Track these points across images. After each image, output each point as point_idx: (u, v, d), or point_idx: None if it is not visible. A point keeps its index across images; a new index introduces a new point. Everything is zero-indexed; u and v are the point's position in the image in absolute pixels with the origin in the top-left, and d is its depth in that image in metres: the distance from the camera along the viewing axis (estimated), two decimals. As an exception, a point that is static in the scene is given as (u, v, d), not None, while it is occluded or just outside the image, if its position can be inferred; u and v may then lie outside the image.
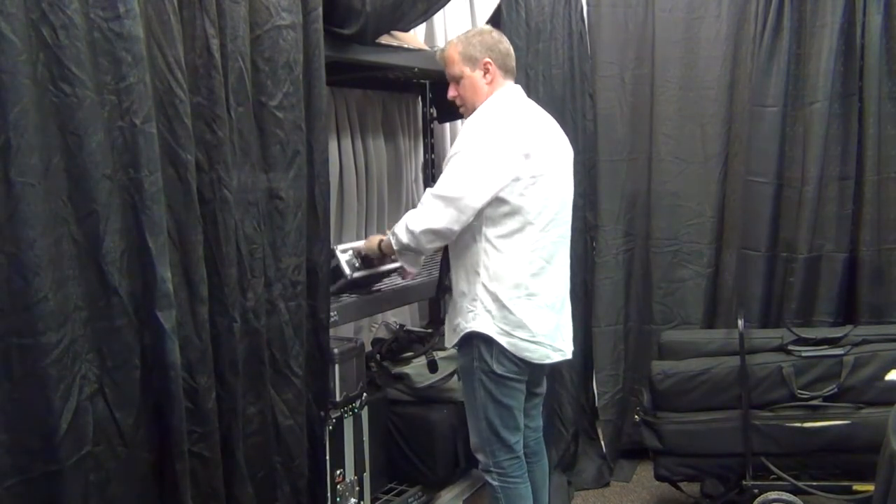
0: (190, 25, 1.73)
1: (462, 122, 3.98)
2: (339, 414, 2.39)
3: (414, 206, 3.71)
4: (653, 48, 3.36)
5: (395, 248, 2.27)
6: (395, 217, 3.62)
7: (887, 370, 2.66)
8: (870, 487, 2.53)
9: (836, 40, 3.04)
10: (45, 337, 1.44)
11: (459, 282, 2.25)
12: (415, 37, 3.07)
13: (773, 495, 2.65)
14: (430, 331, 3.22)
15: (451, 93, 2.35)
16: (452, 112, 3.08)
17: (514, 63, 2.33)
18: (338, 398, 2.35)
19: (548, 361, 2.28)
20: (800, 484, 2.65)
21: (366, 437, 2.54)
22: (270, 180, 1.96)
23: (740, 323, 2.74)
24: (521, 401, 2.30)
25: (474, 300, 2.21)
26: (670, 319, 3.41)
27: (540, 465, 2.49)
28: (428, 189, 2.20)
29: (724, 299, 3.38)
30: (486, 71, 2.27)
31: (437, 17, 3.53)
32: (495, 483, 2.31)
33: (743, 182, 3.26)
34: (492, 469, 2.30)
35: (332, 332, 2.24)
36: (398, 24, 2.59)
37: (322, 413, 2.20)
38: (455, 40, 2.33)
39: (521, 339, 2.20)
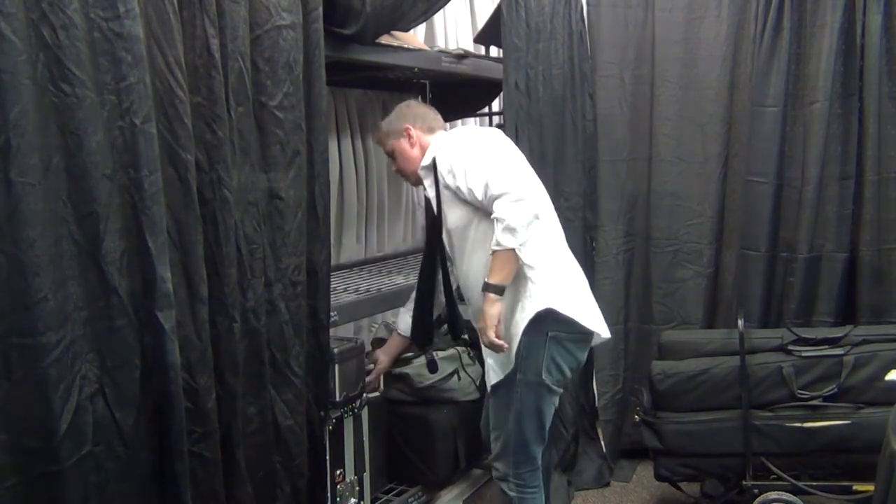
0: (190, 25, 1.73)
1: (462, 125, 4.00)
2: (339, 414, 2.40)
3: (413, 207, 3.76)
4: (653, 48, 3.36)
5: (518, 243, 2.12)
6: (396, 217, 3.63)
7: (887, 370, 2.66)
8: (870, 487, 2.53)
9: (836, 40, 3.04)
10: (45, 337, 1.45)
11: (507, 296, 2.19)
12: (415, 37, 3.08)
13: (773, 495, 2.64)
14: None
15: (394, 168, 2.53)
16: (452, 112, 3.08)
17: (434, 122, 2.46)
18: (338, 398, 2.36)
19: (605, 336, 2.34)
20: (800, 484, 2.65)
21: (366, 437, 2.54)
22: (270, 180, 1.96)
23: (740, 323, 2.74)
24: (553, 412, 2.31)
25: (525, 293, 2.20)
26: (670, 319, 3.41)
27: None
28: (481, 183, 2.16)
29: (724, 299, 3.38)
30: (409, 136, 2.41)
31: (437, 17, 3.53)
32: (512, 494, 2.30)
33: (743, 182, 3.26)
34: (511, 479, 2.30)
35: (332, 332, 2.25)
36: (398, 24, 2.59)
37: (322, 413, 2.20)
38: (382, 123, 2.53)
39: (577, 307, 2.25)
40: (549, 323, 2.20)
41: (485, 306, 2.15)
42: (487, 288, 2.15)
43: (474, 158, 2.21)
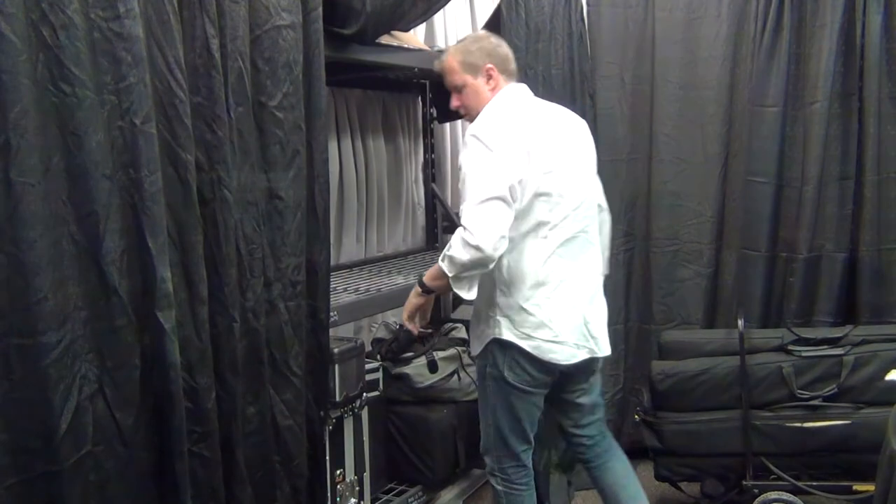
0: (190, 25, 1.73)
1: (462, 124, 3.99)
2: (339, 414, 2.39)
3: (413, 207, 3.76)
4: (653, 48, 3.36)
5: (449, 273, 2.04)
6: (396, 217, 3.64)
7: (887, 370, 2.66)
8: (870, 487, 2.53)
9: (836, 40, 3.04)
10: (44, 337, 1.45)
11: (479, 289, 2.14)
12: (415, 37, 3.07)
13: (773, 495, 2.64)
14: (430, 331, 3.22)
15: (454, 102, 2.32)
16: (452, 112, 3.07)
17: (514, 66, 2.31)
18: (338, 398, 2.35)
19: (575, 361, 2.20)
20: (800, 484, 2.65)
21: (366, 437, 2.54)
22: (270, 180, 1.96)
23: (740, 323, 2.74)
24: (534, 413, 2.25)
25: (493, 306, 2.17)
26: (670, 319, 3.41)
27: (606, 466, 2.40)
28: (462, 206, 2.06)
29: (725, 299, 3.38)
30: (490, 77, 2.24)
31: (437, 17, 3.53)
32: (499, 488, 2.30)
33: (743, 182, 3.26)
34: (497, 473, 2.29)
35: (332, 332, 2.25)
36: (398, 24, 2.59)
37: (322, 413, 2.20)
38: (453, 49, 2.31)
39: (543, 339, 2.15)
40: (511, 347, 2.17)
41: (410, 295, 2.22)
42: (419, 282, 2.18)
43: (477, 159, 2.07)
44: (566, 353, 2.19)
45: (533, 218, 2.13)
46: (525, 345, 2.15)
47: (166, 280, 1.63)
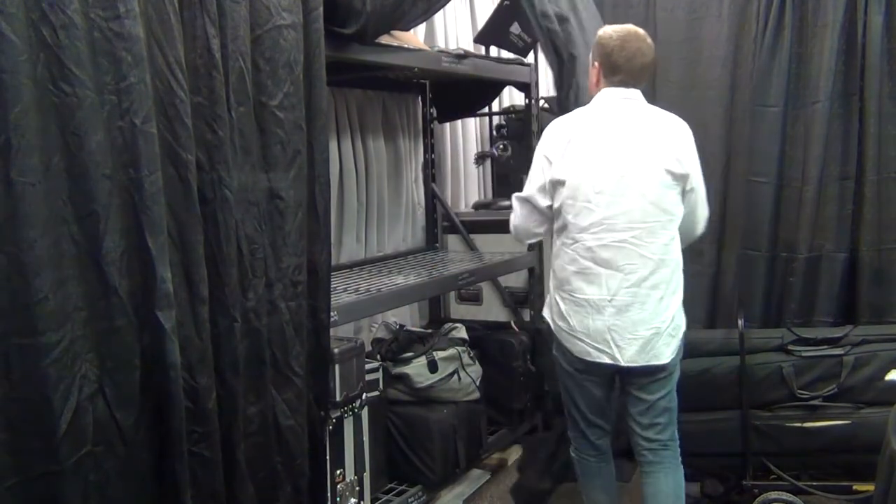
0: (190, 25, 1.73)
1: (462, 124, 3.99)
2: (339, 414, 2.39)
3: (413, 207, 3.76)
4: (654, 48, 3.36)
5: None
6: (396, 217, 3.63)
7: (887, 370, 2.65)
8: (870, 487, 2.52)
9: (837, 40, 3.04)
10: (44, 337, 1.45)
11: None
12: (415, 37, 3.07)
13: (773, 495, 2.64)
14: (430, 331, 3.22)
15: None
16: (452, 112, 3.08)
17: (616, 76, 2.31)
18: (338, 398, 2.35)
19: (591, 359, 2.24)
20: (800, 484, 2.65)
21: (366, 437, 2.54)
22: (271, 180, 1.96)
23: (740, 323, 2.74)
24: (588, 396, 2.34)
25: (547, 289, 2.41)
26: (671, 319, 3.40)
27: (654, 476, 2.35)
28: None
29: (725, 299, 3.38)
30: (594, 68, 2.38)
31: (437, 17, 3.53)
32: (572, 455, 2.47)
33: (744, 182, 3.26)
34: (571, 442, 2.46)
35: (332, 332, 2.24)
36: (398, 24, 2.59)
37: (322, 413, 2.20)
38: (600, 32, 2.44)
39: (563, 329, 2.29)
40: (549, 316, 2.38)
41: None
42: None
43: (537, 152, 2.33)
44: (579, 348, 2.27)
45: (561, 220, 2.27)
46: (554, 328, 2.34)
47: (166, 280, 1.63)
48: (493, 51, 3.55)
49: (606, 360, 2.23)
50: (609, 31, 2.35)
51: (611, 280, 2.20)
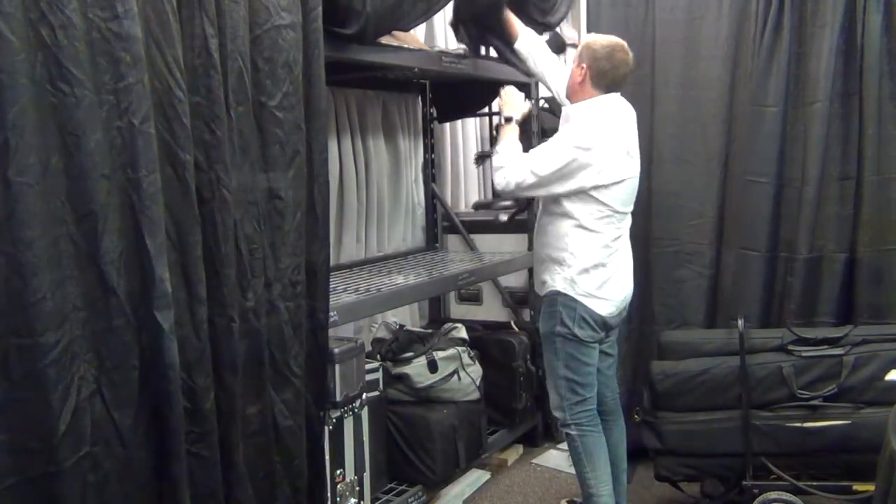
0: (189, 25, 1.73)
1: (462, 124, 3.99)
2: (339, 414, 2.39)
3: (413, 207, 3.76)
4: (653, 48, 3.35)
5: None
6: (396, 217, 3.63)
7: (887, 370, 2.65)
8: (870, 487, 2.52)
9: (836, 40, 3.03)
10: (43, 337, 1.45)
11: (547, 247, 2.57)
12: (415, 37, 3.07)
13: (773, 495, 2.64)
14: (430, 331, 3.22)
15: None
16: (452, 112, 3.08)
17: (610, 83, 2.53)
18: (338, 398, 2.35)
19: (609, 315, 2.55)
20: (800, 484, 2.65)
21: (366, 437, 2.54)
22: (270, 180, 1.96)
23: (740, 323, 2.74)
24: (597, 359, 2.57)
25: (561, 265, 2.51)
26: (671, 320, 3.40)
27: (617, 423, 2.74)
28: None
29: (725, 299, 3.37)
30: (581, 69, 2.52)
31: (437, 17, 3.53)
32: (573, 433, 2.56)
33: (743, 182, 3.25)
34: (570, 422, 2.56)
35: (332, 332, 2.25)
36: (398, 24, 2.59)
37: (322, 413, 2.20)
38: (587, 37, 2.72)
39: (592, 294, 2.49)
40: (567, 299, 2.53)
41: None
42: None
43: (582, 154, 2.43)
44: (607, 308, 2.55)
45: (599, 208, 2.52)
46: (586, 302, 2.53)
47: (164, 280, 1.63)
48: (493, 51, 3.55)
49: (624, 313, 2.64)
50: (600, 40, 2.56)
51: (625, 254, 2.62)
